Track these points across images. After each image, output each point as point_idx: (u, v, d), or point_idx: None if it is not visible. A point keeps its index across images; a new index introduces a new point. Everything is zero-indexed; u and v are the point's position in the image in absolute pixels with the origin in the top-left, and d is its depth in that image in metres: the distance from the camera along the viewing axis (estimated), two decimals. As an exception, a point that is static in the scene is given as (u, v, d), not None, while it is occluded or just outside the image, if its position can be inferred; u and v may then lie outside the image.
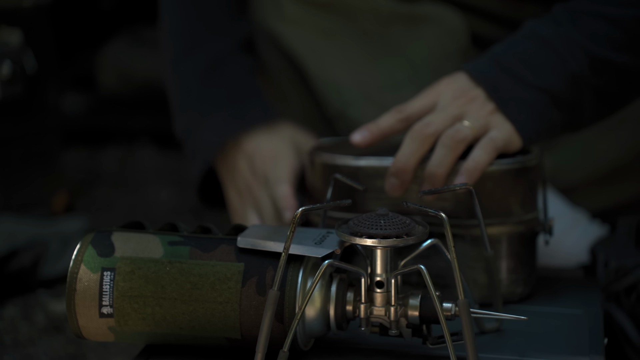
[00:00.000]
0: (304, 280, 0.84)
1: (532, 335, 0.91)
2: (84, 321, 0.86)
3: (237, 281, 0.84)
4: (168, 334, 0.86)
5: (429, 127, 0.99)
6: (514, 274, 1.00)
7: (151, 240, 0.87)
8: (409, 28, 1.26)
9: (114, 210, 1.94)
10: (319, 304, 0.84)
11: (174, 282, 0.85)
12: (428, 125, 0.99)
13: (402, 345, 0.87)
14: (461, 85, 1.03)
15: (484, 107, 1.01)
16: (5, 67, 1.64)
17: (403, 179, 0.98)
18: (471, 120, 1.00)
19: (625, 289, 1.04)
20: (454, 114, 1.00)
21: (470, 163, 0.97)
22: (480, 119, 1.00)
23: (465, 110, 1.01)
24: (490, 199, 0.98)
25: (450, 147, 0.98)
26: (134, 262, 0.86)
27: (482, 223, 0.90)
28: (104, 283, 0.86)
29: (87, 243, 0.87)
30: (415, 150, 0.98)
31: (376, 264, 0.83)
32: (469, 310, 0.81)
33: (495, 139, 0.99)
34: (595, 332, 0.92)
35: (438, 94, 1.03)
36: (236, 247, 0.86)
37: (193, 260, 0.85)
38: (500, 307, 0.93)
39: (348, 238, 0.83)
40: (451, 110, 1.01)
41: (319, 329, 0.85)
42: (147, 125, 2.36)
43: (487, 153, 0.98)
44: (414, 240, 0.82)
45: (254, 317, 0.84)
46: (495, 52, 1.06)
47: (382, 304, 0.83)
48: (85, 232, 1.55)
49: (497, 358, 0.87)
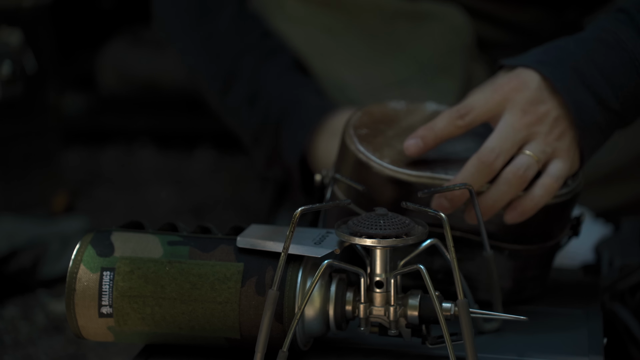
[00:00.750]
0: (304, 280, 0.84)
1: (531, 336, 0.91)
2: (84, 321, 0.86)
3: (236, 281, 0.84)
4: (167, 334, 0.86)
5: (497, 160, 0.91)
6: (539, 279, 1.00)
7: (151, 240, 0.87)
8: (413, 25, 1.25)
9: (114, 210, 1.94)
10: (318, 303, 0.84)
11: (174, 282, 0.85)
12: (496, 158, 0.91)
13: (401, 345, 0.87)
14: (532, 95, 0.93)
15: (552, 130, 0.92)
16: (5, 67, 1.64)
17: (454, 204, 0.92)
18: (537, 150, 0.91)
19: (630, 287, 1.04)
20: (521, 137, 0.92)
21: (529, 202, 0.91)
22: (547, 148, 0.92)
23: (532, 133, 0.92)
24: (535, 228, 0.95)
25: (515, 185, 0.91)
26: (134, 262, 0.86)
27: (481, 223, 0.90)
28: (103, 283, 0.86)
29: (86, 243, 0.87)
30: (477, 181, 0.91)
31: (375, 264, 0.83)
32: (468, 310, 0.81)
33: (559, 178, 0.92)
34: (594, 332, 0.92)
35: (505, 100, 0.93)
36: (235, 247, 0.86)
37: (192, 260, 0.85)
38: (500, 307, 0.93)
39: (347, 238, 0.82)
40: (519, 133, 0.92)
41: (318, 329, 0.85)
42: (147, 125, 2.36)
43: (548, 194, 0.92)
44: (414, 240, 0.82)
45: (253, 317, 0.84)
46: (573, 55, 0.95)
47: (381, 304, 0.83)
48: (85, 232, 1.55)
49: (496, 358, 0.87)
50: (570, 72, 0.93)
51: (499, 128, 0.93)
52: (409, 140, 0.93)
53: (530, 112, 0.92)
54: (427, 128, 0.94)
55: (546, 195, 0.92)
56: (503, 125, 0.92)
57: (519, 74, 0.94)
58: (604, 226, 1.27)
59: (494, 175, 0.91)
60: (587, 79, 0.93)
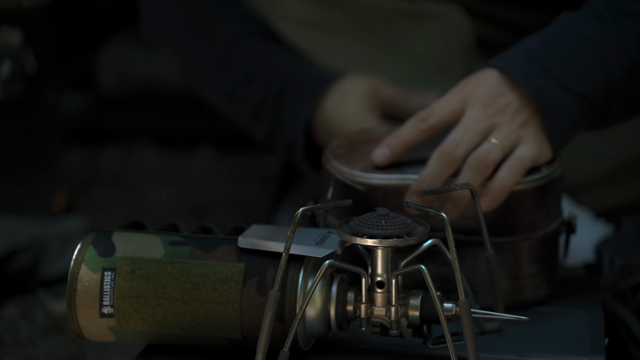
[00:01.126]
0: (305, 280, 0.84)
1: (532, 336, 0.91)
2: (85, 321, 0.86)
3: (237, 281, 0.84)
4: (169, 334, 0.86)
5: (458, 149, 0.93)
6: (539, 277, 0.99)
7: (152, 240, 0.87)
8: (412, 25, 1.25)
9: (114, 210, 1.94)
10: (319, 304, 0.84)
11: (175, 282, 0.85)
12: (457, 147, 0.93)
13: (402, 345, 0.87)
14: (492, 90, 0.95)
15: (515, 118, 0.94)
16: (5, 67, 1.63)
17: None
18: (500, 137, 0.93)
19: (631, 287, 1.04)
20: (482, 128, 0.94)
21: (496, 185, 0.92)
22: (511, 135, 0.93)
23: (494, 123, 0.94)
24: (514, 217, 0.95)
25: (479, 170, 0.92)
26: (135, 262, 0.86)
27: (482, 223, 0.90)
28: (104, 283, 0.86)
29: (87, 243, 0.87)
30: (441, 173, 0.93)
31: (377, 264, 0.83)
32: (469, 310, 0.81)
33: (524, 158, 0.93)
34: (596, 332, 0.92)
35: (465, 98, 0.95)
36: (237, 247, 0.86)
37: (194, 260, 0.85)
38: (501, 307, 0.93)
39: (349, 238, 0.82)
40: (480, 124, 0.94)
41: (319, 329, 0.85)
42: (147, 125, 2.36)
43: (514, 175, 0.92)
44: (415, 241, 0.82)
45: (254, 317, 0.84)
46: (532, 47, 0.97)
47: (382, 304, 0.83)
48: (86, 232, 1.55)
49: (497, 358, 0.87)
50: (528, 62, 0.95)
51: (460, 122, 0.95)
52: (377, 150, 0.96)
53: (491, 104, 0.94)
54: (392, 136, 0.96)
55: (512, 176, 0.92)
56: (464, 119, 0.94)
57: (478, 74, 0.97)
58: (605, 226, 1.27)
59: (457, 164, 0.93)
60: (545, 65, 0.95)
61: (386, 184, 0.95)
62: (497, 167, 0.94)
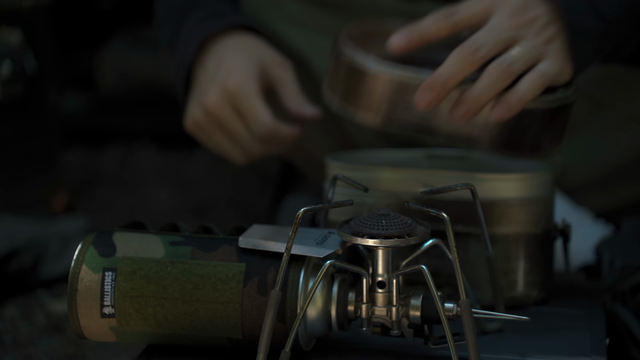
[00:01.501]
0: (306, 280, 0.84)
1: (533, 336, 0.91)
2: (86, 321, 0.86)
3: (238, 281, 0.84)
4: (169, 334, 0.86)
5: (479, 51, 0.90)
6: (530, 276, 0.99)
7: (152, 240, 0.87)
8: None
9: (114, 210, 1.94)
10: (320, 304, 0.84)
11: (176, 282, 0.85)
12: (478, 49, 0.90)
13: (403, 345, 0.87)
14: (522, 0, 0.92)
15: (542, 32, 0.92)
16: (5, 67, 1.64)
17: (437, 96, 0.90)
18: (525, 49, 0.90)
19: (631, 288, 1.04)
20: (507, 36, 0.91)
21: (514, 96, 0.90)
22: (536, 48, 0.91)
23: (520, 34, 0.91)
24: (521, 134, 0.93)
25: (499, 79, 0.89)
26: (136, 262, 0.86)
27: (483, 223, 0.90)
28: (105, 283, 0.86)
29: (88, 243, 0.87)
30: (459, 71, 0.90)
31: (378, 264, 0.83)
32: (470, 310, 0.81)
33: (545, 74, 0.90)
34: (597, 332, 0.92)
35: (495, 3, 0.92)
36: (237, 247, 0.86)
37: (194, 260, 0.85)
38: (502, 307, 0.93)
39: (350, 238, 0.82)
40: (506, 32, 0.91)
41: (320, 329, 0.85)
42: (147, 125, 2.36)
43: (533, 89, 0.90)
44: (416, 241, 0.82)
45: (255, 317, 0.84)
46: None
47: (383, 304, 0.83)
48: (86, 232, 1.55)
49: (498, 358, 0.87)
50: None
51: (485, 26, 0.92)
52: (394, 36, 0.93)
53: (520, 15, 0.92)
54: (413, 26, 0.94)
55: (530, 91, 0.90)
56: (490, 23, 0.92)
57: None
58: (605, 227, 1.27)
59: (475, 66, 0.90)
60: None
61: (400, 75, 0.92)
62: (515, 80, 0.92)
